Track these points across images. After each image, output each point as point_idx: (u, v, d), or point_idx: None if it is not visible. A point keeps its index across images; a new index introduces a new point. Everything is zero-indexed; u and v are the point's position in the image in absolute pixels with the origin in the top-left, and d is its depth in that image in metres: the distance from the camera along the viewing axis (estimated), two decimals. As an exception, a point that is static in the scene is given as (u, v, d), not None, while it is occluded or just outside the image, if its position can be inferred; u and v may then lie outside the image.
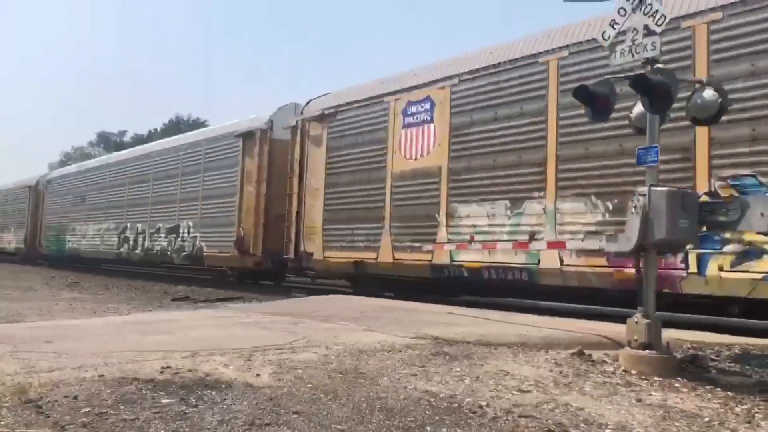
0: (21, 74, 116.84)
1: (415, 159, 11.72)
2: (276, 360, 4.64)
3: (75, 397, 3.50)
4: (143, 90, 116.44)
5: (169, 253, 19.45)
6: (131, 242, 21.67)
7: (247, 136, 16.60)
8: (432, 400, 3.78)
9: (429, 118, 11.50)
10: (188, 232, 18.69)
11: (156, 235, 20.25)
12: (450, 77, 11.27)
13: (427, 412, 3.55)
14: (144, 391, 3.68)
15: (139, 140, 56.13)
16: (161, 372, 4.14)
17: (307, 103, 14.96)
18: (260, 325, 6.49)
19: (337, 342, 5.40)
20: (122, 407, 3.39)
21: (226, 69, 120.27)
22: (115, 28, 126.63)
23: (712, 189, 7.54)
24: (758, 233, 6.41)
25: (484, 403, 3.74)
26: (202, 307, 10.64)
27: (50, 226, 28.63)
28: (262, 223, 15.91)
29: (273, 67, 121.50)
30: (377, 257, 12.14)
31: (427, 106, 11.60)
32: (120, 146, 55.49)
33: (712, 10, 7.91)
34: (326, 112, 13.88)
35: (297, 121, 14.89)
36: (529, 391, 4.09)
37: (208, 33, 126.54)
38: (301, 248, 14.08)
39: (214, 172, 17.87)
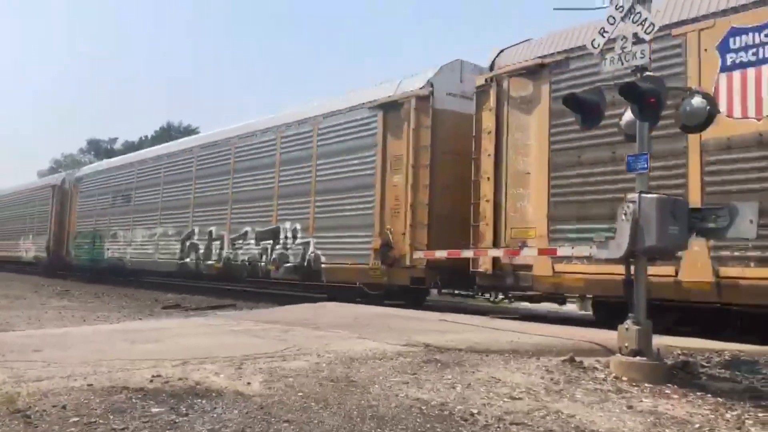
0: (9, 81, 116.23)
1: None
2: (267, 368, 4.62)
3: (64, 407, 3.47)
4: (134, 97, 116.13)
5: (263, 264, 14.93)
6: (201, 250, 17.12)
7: (390, 107, 12.42)
8: (423, 407, 3.77)
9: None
10: (294, 238, 14.23)
11: (241, 242, 15.77)
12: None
13: (418, 419, 3.54)
14: (134, 400, 3.66)
15: (130, 147, 55.94)
16: (151, 381, 4.12)
17: (500, 52, 10.92)
18: (251, 333, 6.46)
19: (329, 350, 5.38)
20: (111, 417, 3.36)
21: (218, 76, 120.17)
22: (105, 35, 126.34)
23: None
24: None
25: (475, 411, 3.74)
26: (193, 315, 10.61)
27: (82, 232, 24.39)
28: (423, 224, 11.64)
29: (267, 76, 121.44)
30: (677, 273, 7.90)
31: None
32: (110, 153, 55.29)
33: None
34: (547, 61, 9.89)
35: (488, 79, 10.75)
36: (520, 399, 4.08)
37: (197, 41, 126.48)
38: (504, 259, 10.06)
39: (336, 158, 13.41)
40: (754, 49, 7.45)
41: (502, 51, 10.89)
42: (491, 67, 10.81)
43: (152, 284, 20.81)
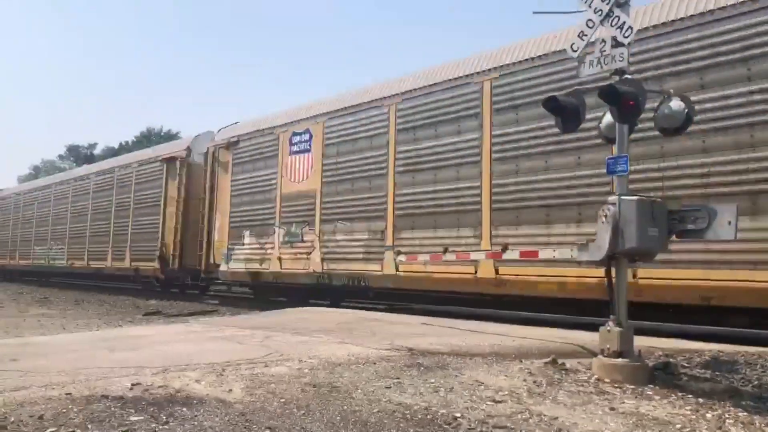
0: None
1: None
2: (248, 374, 4.58)
3: (41, 417, 3.41)
4: (113, 102, 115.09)
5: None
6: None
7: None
8: (406, 412, 3.75)
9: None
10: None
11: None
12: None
13: (401, 424, 3.53)
14: (113, 409, 3.61)
15: (110, 152, 55.44)
16: (131, 389, 4.06)
17: (218, 131, 17.21)
18: (233, 339, 6.41)
19: (311, 355, 5.36)
20: (90, 426, 3.31)
21: (199, 80, 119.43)
22: (84, 40, 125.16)
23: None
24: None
25: (458, 415, 3.73)
26: (174, 322, 10.51)
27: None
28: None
29: (247, 79, 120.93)
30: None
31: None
32: (90, 159, 54.71)
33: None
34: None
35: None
36: (503, 402, 4.09)
37: (178, 45, 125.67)
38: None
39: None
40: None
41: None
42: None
43: (133, 291, 20.62)
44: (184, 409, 3.67)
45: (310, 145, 13.66)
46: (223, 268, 15.69)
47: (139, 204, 20.03)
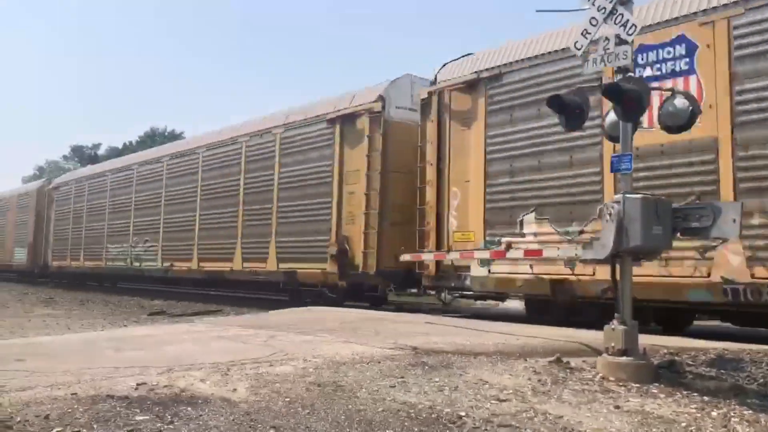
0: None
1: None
2: (253, 374, 4.59)
3: (46, 417, 3.43)
4: (118, 102, 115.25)
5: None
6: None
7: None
8: (411, 411, 3.76)
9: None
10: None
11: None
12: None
13: (406, 423, 3.53)
14: (118, 409, 3.62)
15: (114, 153, 55.53)
16: (136, 388, 4.08)
17: (443, 66, 11.56)
18: (237, 339, 6.42)
19: (315, 354, 5.36)
20: (95, 425, 3.32)
21: (202, 80, 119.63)
22: (87, 39, 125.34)
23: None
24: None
25: (463, 414, 3.73)
26: (179, 322, 10.54)
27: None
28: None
29: (255, 80, 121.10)
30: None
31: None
32: (94, 159, 54.79)
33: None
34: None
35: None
36: (508, 400, 4.08)
37: (180, 45, 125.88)
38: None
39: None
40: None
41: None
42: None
43: (138, 290, 20.65)
44: (189, 408, 3.68)
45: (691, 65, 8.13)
46: (477, 272, 10.29)
47: (288, 182, 14.31)
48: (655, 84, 7.33)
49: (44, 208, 26.29)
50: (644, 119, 6.82)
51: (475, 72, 10.65)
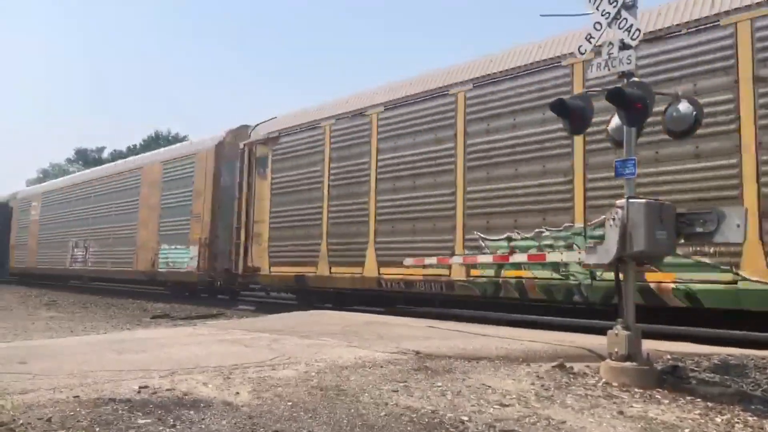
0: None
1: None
2: (256, 378, 4.59)
3: (49, 420, 3.42)
4: (122, 105, 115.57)
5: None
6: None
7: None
8: (413, 416, 3.75)
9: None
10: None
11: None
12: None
13: (408, 428, 3.52)
14: (120, 412, 3.61)
15: (118, 156, 55.67)
16: (138, 392, 4.07)
17: (255, 126, 15.71)
18: (240, 343, 6.42)
19: (318, 358, 5.36)
20: (97, 428, 3.32)
21: (206, 83, 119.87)
22: (92, 42, 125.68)
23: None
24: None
25: (465, 418, 3.72)
26: (182, 325, 10.53)
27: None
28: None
29: (254, 80, 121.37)
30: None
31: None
32: (98, 162, 54.96)
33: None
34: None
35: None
36: (510, 405, 4.07)
37: (184, 48, 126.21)
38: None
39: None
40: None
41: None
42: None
43: (141, 293, 20.68)
44: (192, 412, 3.68)
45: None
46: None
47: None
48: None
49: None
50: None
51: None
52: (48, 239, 26.88)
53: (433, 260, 10.12)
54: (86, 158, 68.28)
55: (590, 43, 5.50)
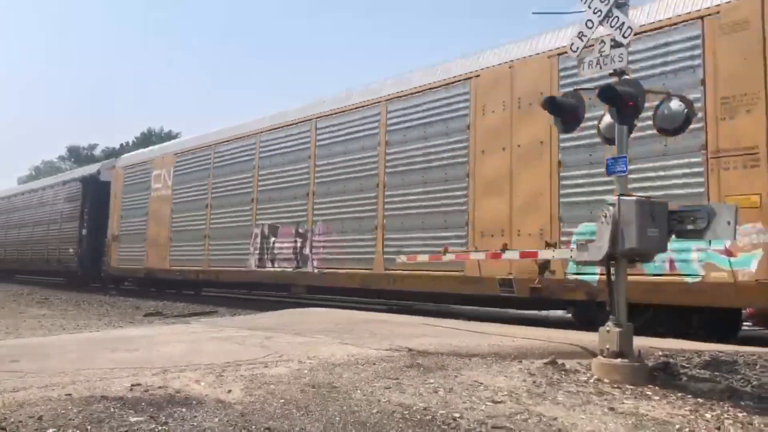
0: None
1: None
2: (248, 375, 4.59)
3: (40, 418, 3.42)
4: (114, 102, 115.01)
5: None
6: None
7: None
8: (406, 412, 3.76)
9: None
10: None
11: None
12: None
13: (400, 425, 3.53)
14: (112, 410, 3.61)
15: (110, 153, 55.43)
16: (131, 389, 4.07)
17: (117, 160, 23.12)
18: (233, 340, 6.41)
19: (311, 356, 5.36)
20: (89, 427, 3.32)
21: (198, 80, 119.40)
22: (85, 40, 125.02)
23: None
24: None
25: (457, 415, 3.74)
26: (174, 323, 10.52)
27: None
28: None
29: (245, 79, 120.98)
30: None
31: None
32: (91, 159, 54.74)
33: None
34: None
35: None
36: (502, 402, 4.09)
37: (176, 44, 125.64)
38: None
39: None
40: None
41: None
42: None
43: (133, 292, 20.63)
44: (184, 409, 3.68)
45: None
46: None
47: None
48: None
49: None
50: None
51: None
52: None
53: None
54: (78, 155, 67.98)
55: (582, 41, 5.51)
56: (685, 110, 5.27)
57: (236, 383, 4.33)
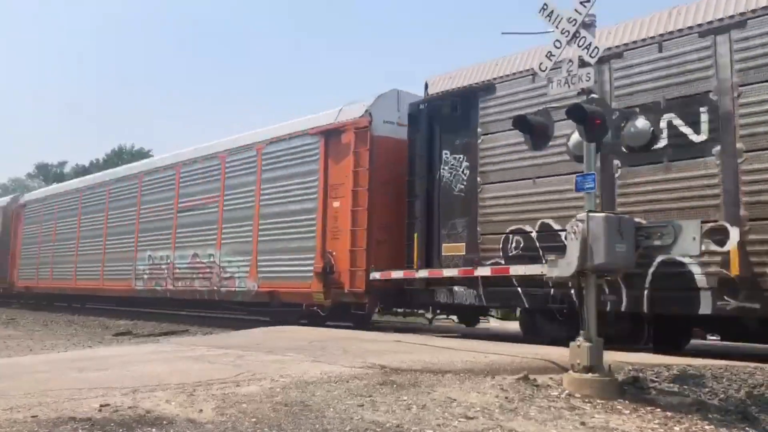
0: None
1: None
2: (220, 394, 4.54)
3: (6, 440, 3.35)
4: (83, 119, 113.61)
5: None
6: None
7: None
8: (378, 430, 3.75)
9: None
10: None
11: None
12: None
13: (373, 442, 3.52)
14: (80, 431, 3.55)
15: (81, 171, 54.65)
16: (99, 410, 4.00)
17: (24, 195, 26.53)
18: (204, 359, 6.34)
19: (283, 374, 5.32)
20: (56, 449, 3.26)
21: (171, 98, 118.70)
22: (52, 55, 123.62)
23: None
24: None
25: (430, 432, 3.74)
26: (145, 342, 10.37)
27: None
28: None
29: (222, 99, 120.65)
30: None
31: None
32: (60, 177, 53.91)
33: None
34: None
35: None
36: (475, 418, 4.10)
37: (149, 61, 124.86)
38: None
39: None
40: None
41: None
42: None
43: (103, 310, 20.29)
44: (154, 429, 3.63)
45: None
46: None
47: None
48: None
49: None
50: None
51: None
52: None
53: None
54: (47, 173, 66.92)
55: (551, 60, 5.62)
56: (651, 128, 5.39)
57: (208, 402, 4.28)
